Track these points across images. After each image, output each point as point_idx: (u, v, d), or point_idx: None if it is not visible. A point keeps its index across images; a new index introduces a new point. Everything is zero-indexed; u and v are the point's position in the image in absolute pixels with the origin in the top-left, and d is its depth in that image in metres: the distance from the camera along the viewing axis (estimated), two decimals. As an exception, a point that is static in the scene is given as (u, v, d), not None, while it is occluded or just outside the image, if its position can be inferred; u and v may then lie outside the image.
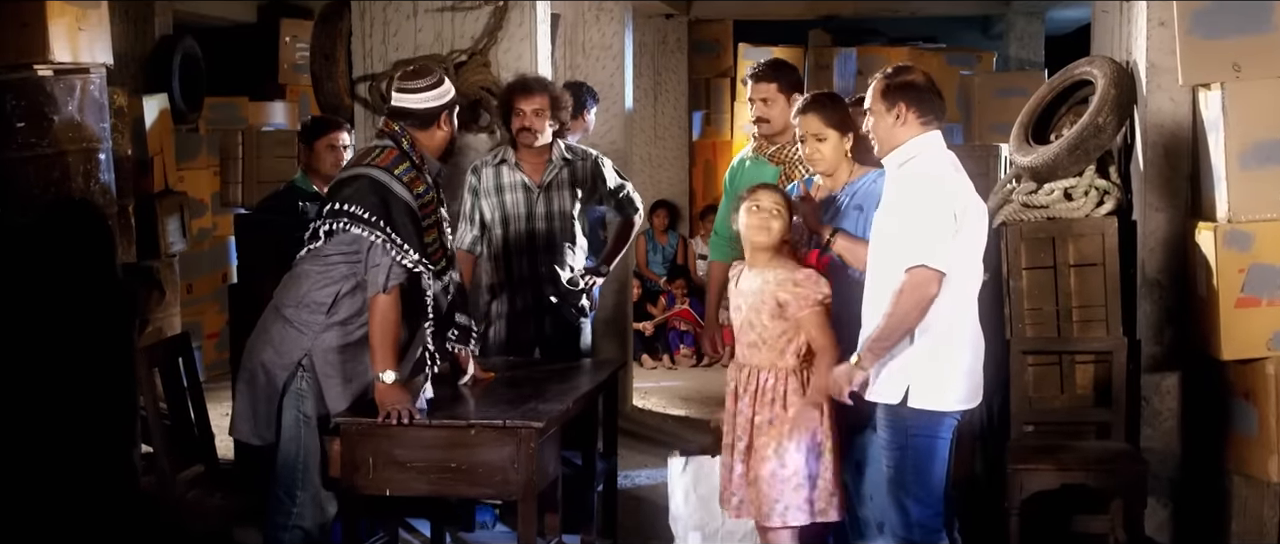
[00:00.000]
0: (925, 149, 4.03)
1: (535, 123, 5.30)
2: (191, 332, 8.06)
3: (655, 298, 9.94)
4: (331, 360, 4.24)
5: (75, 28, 4.70)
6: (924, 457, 4.00)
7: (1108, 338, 5.14)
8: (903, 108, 4.02)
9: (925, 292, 3.88)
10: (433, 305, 4.28)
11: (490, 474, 4.04)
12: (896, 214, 4.01)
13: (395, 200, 4.15)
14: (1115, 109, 5.17)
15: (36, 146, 4.47)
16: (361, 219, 4.12)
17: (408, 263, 4.14)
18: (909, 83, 4.05)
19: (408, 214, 4.16)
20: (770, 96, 5.03)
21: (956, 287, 3.96)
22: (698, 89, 11.11)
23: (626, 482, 6.29)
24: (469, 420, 4.09)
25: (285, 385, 4.27)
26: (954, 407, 4.02)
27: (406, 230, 4.14)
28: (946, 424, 4.02)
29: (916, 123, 4.03)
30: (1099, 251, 5.17)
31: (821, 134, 4.43)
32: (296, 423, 4.27)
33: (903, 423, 4.01)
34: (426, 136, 4.31)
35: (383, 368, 4.12)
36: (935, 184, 3.95)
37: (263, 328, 4.36)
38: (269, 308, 4.37)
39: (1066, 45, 10.63)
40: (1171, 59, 4.98)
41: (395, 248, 4.12)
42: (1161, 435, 5.22)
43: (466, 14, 5.82)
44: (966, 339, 4.04)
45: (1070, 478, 4.80)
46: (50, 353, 4.47)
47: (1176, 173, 5.15)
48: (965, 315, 4.03)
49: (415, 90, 4.28)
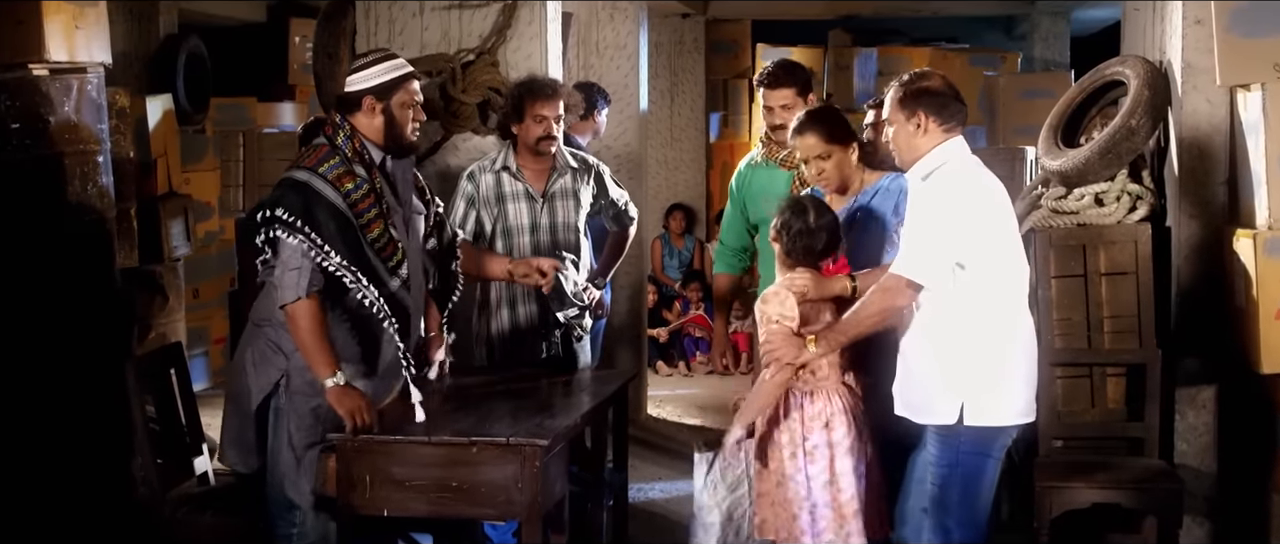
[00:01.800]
0: (949, 157, 3.89)
1: (555, 130, 5.11)
2: (197, 337, 8.04)
3: (670, 303, 9.84)
4: (309, 379, 4.08)
5: (72, 26, 4.63)
6: (972, 477, 3.86)
7: (1140, 349, 5.04)
8: (923, 116, 3.89)
9: (893, 300, 3.81)
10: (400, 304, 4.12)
11: (493, 494, 3.89)
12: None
13: (318, 200, 3.98)
14: (1149, 111, 5.06)
15: (32, 149, 4.40)
16: (284, 222, 3.95)
17: (329, 266, 3.97)
18: (927, 88, 3.91)
19: (331, 214, 3.98)
20: (789, 102, 4.90)
21: (1000, 292, 3.84)
22: (715, 90, 11.07)
23: (639, 495, 6.18)
24: (470, 437, 3.92)
25: (266, 405, 4.14)
26: (1011, 421, 3.88)
27: (328, 231, 3.97)
28: (1000, 442, 3.89)
29: (938, 130, 3.90)
30: (1131, 260, 5.07)
31: (825, 152, 4.32)
32: (282, 445, 4.12)
33: (955, 440, 3.87)
34: (362, 123, 4.11)
35: (328, 372, 3.96)
36: (959, 196, 3.81)
37: (243, 347, 4.23)
38: (248, 325, 4.24)
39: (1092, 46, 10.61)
40: (1208, 59, 4.89)
41: (317, 250, 3.95)
42: (1197, 452, 5.12)
43: (474, 12, 5.70)
44: (1020, 346, 3.91)
45: (1102, 496, 4.69)
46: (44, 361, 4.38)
47: (1213, 177, 5.07)
48: (1014, 320, 3.90)
49: (351, 71, 4.11)
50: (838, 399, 4.12)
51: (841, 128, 4.37)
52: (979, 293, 3.83)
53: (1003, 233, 3.85)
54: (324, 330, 3.99)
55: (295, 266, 3.95)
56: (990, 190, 3.86)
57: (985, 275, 3.82)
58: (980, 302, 3.83)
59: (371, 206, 4.08)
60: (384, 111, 4.11)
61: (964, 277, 3.81)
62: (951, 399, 3.85)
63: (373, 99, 4.09)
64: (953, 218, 3.78)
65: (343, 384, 3.96)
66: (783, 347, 3.98)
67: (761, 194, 4.95)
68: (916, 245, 3.82)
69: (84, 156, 4.62)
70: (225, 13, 9.42)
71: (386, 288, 4.10)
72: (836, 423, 4.09)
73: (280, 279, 3.96)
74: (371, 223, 4.07)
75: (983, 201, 3.83)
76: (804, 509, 4.11)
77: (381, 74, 4.11)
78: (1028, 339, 3.95)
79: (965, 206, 3.80)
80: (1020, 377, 3.90)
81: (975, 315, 3.84)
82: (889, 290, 3.82)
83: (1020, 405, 3.90)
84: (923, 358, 3.94)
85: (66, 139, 4.52)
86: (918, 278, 3.79)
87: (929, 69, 4.16)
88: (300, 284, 3.95)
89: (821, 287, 4.13)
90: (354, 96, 4.10)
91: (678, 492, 6.24)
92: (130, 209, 6.32)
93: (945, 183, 3.85)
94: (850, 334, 3.92)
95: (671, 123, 10.80)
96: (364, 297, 4.02)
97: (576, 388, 4.73)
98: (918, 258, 3.80)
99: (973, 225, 3.80)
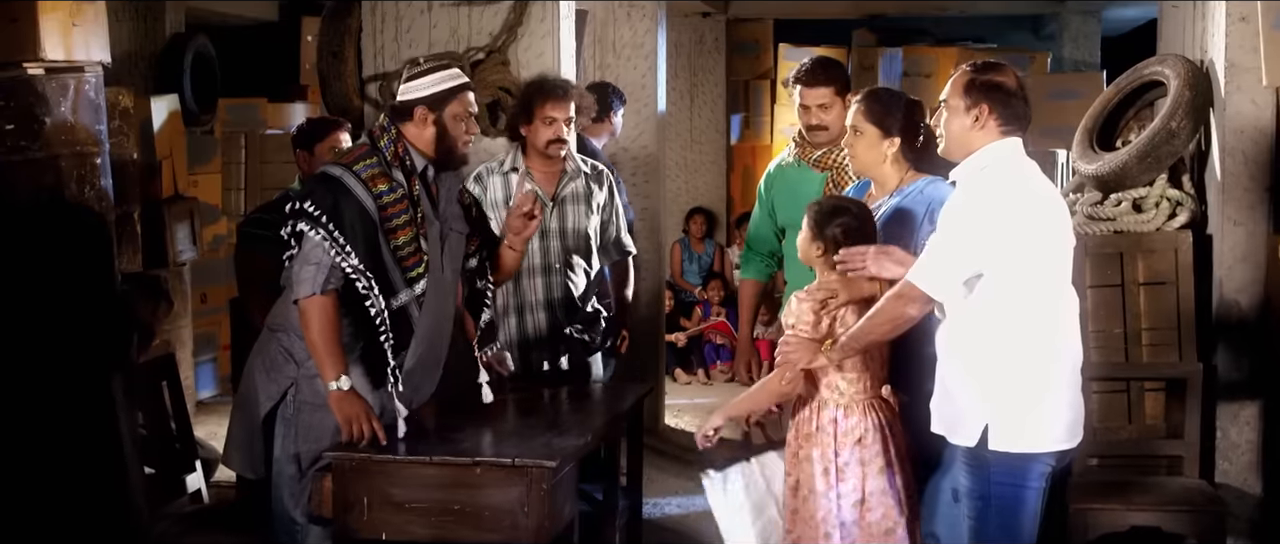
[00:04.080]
0: (998, 159, 3.66)
1: (566, 132, 4.98)
2: (205, 343, 7.95)
3: (689, 310, 9.70)
4: (319, 388, 3.96)
5: (69, 24, 4.54)
6: (1010, 509, 3.61)
7: (1180, 363, 4.96)
8: (985, 110, 3.65)
9: (904, 308, 3.63)
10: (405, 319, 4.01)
11: (497, 518, 3.72)
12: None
13: (347, 198, 3.90)
14: (1190, 112, 4.97)
15: (27, 150, 4.31)
16: (310, 216, 3.87)
17: (346, 267, 3.87)
18: (996, 82, 3.66)
19: (358, 214, 3.90)
20: (827, 101, 4.72)
21: (1036, 308, 3.59)
22: (736, 91, 10.95)
23: (655, 510, 6.03)
24: (473, 457, 3.76)
25: (275, 414, 4.03)
26: (1045, 448, 3.61)
27: (352, 232, 3.88)
28: (1036, 471, 3.61)
29: (996, 128, 3.66)
30: (1171, 268, 4.99)
31: (860, 127, 4.16)
32: (286, 457, 4.01)
33: (984, 468, 3.62)
34: (410, 132, 4.04)
35: (334, 374, 3.86)
36: (995, 201, 3.57)
37: (258, 350, 4.14)
38: (264, 329, 4.15)
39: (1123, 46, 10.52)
40: (1254, 58, 4.85)
41: (337, 249, 3.85)
42: (1239, 471, 5.05)
43: (485, 9, 5.56)
44: (1060, 368, 3.65)
45: (1140, 519, 4.58)
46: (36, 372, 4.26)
47: (1257, 182, 4.99)
48: (1053, 339, 3.64)
49: (405, 80, 4.06)
50: (873, 415, 3.97)
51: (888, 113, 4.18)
52: (1008, 306, 3.58)
53: (1044, 245, 3.59)
54: (337, 331, 3.90)
55: (314, 262, 3.87)
56: (1038, 198, 3.61)
57: (1015, 288, 3.58)
58: (1010, 316, 3.59)
59: (402, 213, 3.99)
60: (436, 123, 4.04)
61: (988, 287, 3.58)
62: (975, 418, 3.62)
63: (426, 109, 4.02)
64: (981, 224, 3.56)
65: (346, 389, 3.86)
66: (796, 350, 3.87)
67: (791, 195, 4.77)
68: (934, 253, 3.61)
69: (82, 158, 4.53)
70: (236, 11, 9.38)
71: (396, 298, 3.99)
72: (870, 439, 3.94)
73: (298, 274, 3.89)
74: (399, 228, 3.98)
75: (1023, 209, 3.57)
76: (835, 529, 3.96)
77: (436, 84, 4.04)
78: (1071, 361, 3.70)
79: (999, 213, 3.56)
80: (1060, 401, 3.64)
81: (1004, 330, 3.60)
82: (901, 297, 3.63)
83: (1058, 431, 3.64)
84: (949, 370, 3.74)
85: (63, 140, 4.43)
86: (925, 287, 3.58)
87: (1002, 62, 3.88)
88: (317, 280, 3.87)
89: (850, 288, 3.97)
90: (407, 105, 4.03)
91: (696, 507, 6.08)
92: (134, 212, 6.35)
93: (985, 185, 3.62)
94: (862, 342, 3.76)
95: (691, 125, 10.72)
96: (371, 304, 3.92)
97: (588, 403, 4.58)
98: (930, 266, 3.60)
99: (1004, 233, 3.55)
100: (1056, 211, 3.64)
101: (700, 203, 10.48)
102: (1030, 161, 3.68)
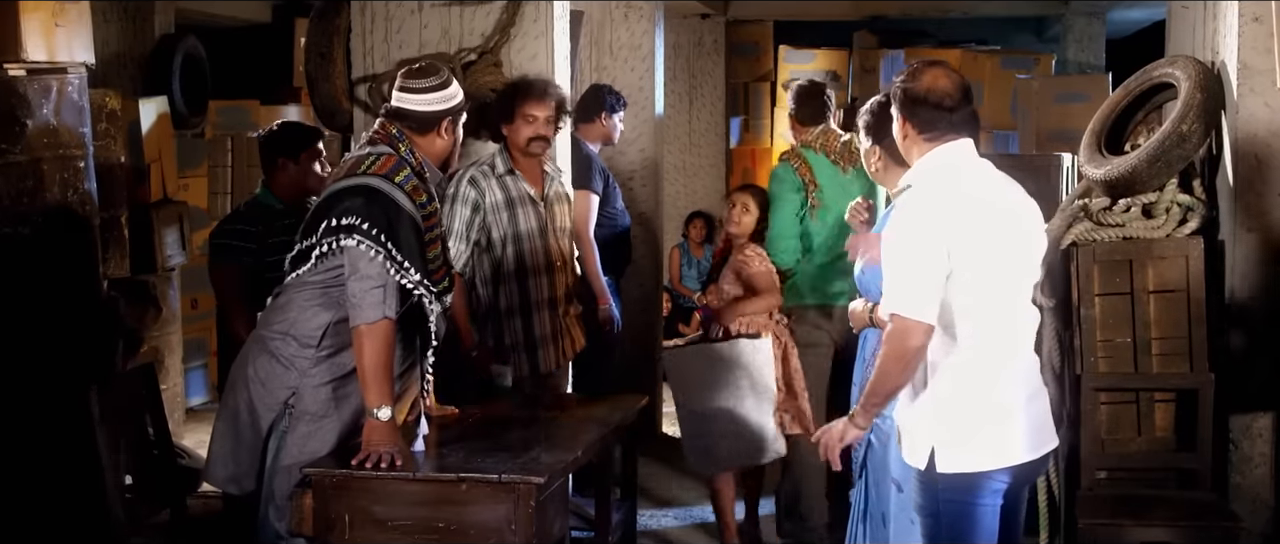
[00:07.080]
0: (922, 173, 3.50)
1: (548, 131, 5.03)
2: (195, 349, 7.86)
3: (687, 316, 9.58)
4: (322, 398, 3.87)
5: (51, 24, 4.48)
6: (961, 526, 3.43)
7: (1191, 373, 4.85)
8: (902, 121, 3.53)
9: (905, 344, 3.35)
10: (433, 332, 3.94)
11: (484, 536, 3.62)
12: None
13: (400, 214, 3.78)
14: (1201, 115, 4.85)
15: (7, 153, 4.24)
16: (365, 233, 3.72)
17: (409, 284, 3.78)
18: (907, 90, 3.50)
19: (413, 229, 3.80)
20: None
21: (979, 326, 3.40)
22: (736, 93, 10.93)
23: (650, 522, 5.93)
24: (459, 473, 3.65)
25: (271, 428, 3.91)
26: (994, 465, 3.43)
27: (410, 248, 3.77)
28: (989, 488, 3.43)
29: (919, 139, 3.51)
30: (1182, 276, 4.88)
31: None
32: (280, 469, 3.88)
33: (933, 486, 3.45)
34: (426, 142, 3.99)
35: (379, 403, 3.74)
36: (917, 221, 3.39)
37: (245, 360, 3.99)
38: (252, 337, 4.02)
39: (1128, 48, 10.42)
40: (1268, 59, 4.75)
41: (397, 267, 3.73)
42: (1252, 484, 4.95)
43: (476, 9, 5.46)
44: (1007, 388, 3.46)
45: (1151, 534, 4.51)
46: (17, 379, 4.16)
47: (1271, 187, 4.91)
48: (999, 360, 3.45)
49: (418, 90, 3.96)
50: None
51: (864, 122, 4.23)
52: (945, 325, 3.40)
53: (976, 259, 3.38)
54: (392, 356, 3.80)
55: (379, 284, 3.74)
56: (960, 208, 3.39)
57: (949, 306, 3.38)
58: (947, 335, 3.41)
59: (436, 225, 3.97)
60: (451, 132, 4.05)
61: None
62: (921, 440, 3.45)
63: (450, 121, 4.02)
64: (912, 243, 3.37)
65: (389, 418, 3.76)
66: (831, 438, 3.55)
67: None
68: (903, 278, 3.38)
69: (65, 161, 4.46)
70: (227, 13, 9.35)
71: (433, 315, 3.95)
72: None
73: (362, 297, 3.73)
74: (432, 241, 3.93)
75: (945, 225, 3.36)
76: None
77: (453, 97, 4.03)
78: (1022, 379, 3.50)
79: (920, 236, 3.37)
80: (1004, 418, 3.44)
81: (942, 350, 3.42)
82: (897, 335, 3.38)
83: (1011, 449, 3.44)
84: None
85: (45, 143, 4.36)
86: (909, 313, 3.35)
87: (935, 60, 3.72)
88: (388, 303, 3.75)
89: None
90: (431, 117, 3.97)
91: (692, 518, 5.99)
92: (121, 216, 6.29)
93: (903, 206, 3.49)
94: (882, 394, 3.47)
95: (690, 127, 10.70)
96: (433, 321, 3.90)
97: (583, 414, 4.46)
98: (910, 292, 3.36)
99: (928, 256, 3.35)
100: (992, 222, 3.42)
101: (699, 207, 10.39)
102: (971, 168, 3.50)
